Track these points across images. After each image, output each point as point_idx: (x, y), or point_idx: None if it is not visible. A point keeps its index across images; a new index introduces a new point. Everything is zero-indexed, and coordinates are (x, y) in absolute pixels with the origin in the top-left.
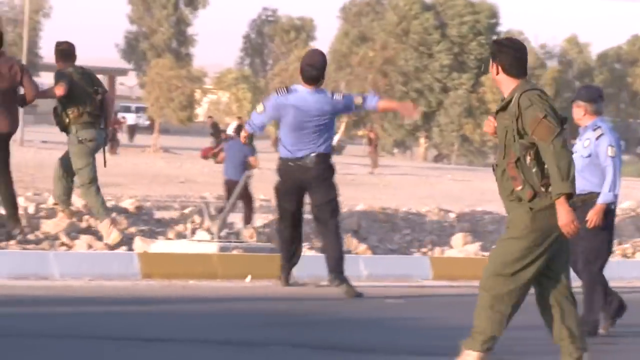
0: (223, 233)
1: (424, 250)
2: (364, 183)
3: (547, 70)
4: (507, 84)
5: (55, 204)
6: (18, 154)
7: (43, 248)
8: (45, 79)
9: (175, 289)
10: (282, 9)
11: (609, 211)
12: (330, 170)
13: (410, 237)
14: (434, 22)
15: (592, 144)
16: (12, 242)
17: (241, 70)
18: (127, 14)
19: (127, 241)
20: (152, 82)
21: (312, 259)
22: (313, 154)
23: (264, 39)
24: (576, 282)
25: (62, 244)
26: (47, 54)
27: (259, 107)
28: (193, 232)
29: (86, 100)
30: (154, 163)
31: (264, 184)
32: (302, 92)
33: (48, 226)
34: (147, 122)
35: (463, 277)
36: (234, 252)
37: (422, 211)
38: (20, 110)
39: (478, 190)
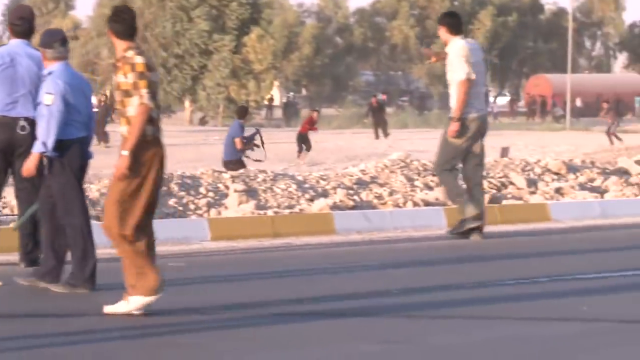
0: None
1: (200, 212)
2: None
3: (305, 27)
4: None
5: None
6: None
7: None
8: None
9: None
10: None
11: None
12: None
13: (186, 200)
14: None
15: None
16: None
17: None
18: None
19: None
20: None
21: None
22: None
23: None
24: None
25: None
26: None
27: None
28: None
29: None
30: None
31: None
32: (18, 45)
33: None
34: None
35: (241, 236)
36: None
37: (197, 174)
38: None
39: None
